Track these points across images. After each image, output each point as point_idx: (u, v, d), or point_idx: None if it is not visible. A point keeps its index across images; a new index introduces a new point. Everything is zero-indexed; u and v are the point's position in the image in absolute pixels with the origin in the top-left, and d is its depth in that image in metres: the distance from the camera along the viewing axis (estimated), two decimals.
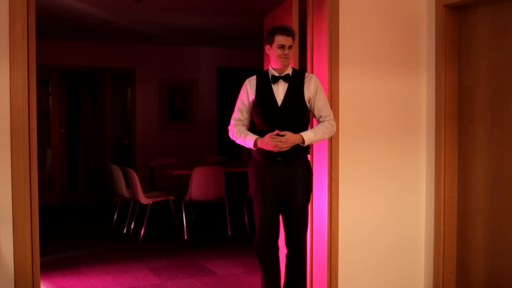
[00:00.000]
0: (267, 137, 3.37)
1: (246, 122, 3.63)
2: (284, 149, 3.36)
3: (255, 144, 3.44)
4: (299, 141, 3.40)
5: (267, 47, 3.50)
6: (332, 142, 3.67)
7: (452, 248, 3.89)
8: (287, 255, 3.58)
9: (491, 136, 3.65)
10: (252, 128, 3.61)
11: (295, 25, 3.88)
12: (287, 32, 3.41)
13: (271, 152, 3.40)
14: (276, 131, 3.35)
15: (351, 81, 3.74)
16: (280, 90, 3.46)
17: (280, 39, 3.40)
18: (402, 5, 3.91)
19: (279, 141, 3.33)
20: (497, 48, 3.60)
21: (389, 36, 3.87)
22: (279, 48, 3.41)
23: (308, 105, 3.48)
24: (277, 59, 3.44)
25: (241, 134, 3.52)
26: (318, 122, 3.53)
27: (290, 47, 3.42)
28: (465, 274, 3.85)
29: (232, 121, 3.62)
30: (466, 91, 3.83)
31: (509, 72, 3.52)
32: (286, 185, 3.44)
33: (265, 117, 3.46)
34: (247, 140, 3.48)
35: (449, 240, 3.88)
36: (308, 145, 3.52)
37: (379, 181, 3.87)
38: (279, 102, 3.44)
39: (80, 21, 7.09)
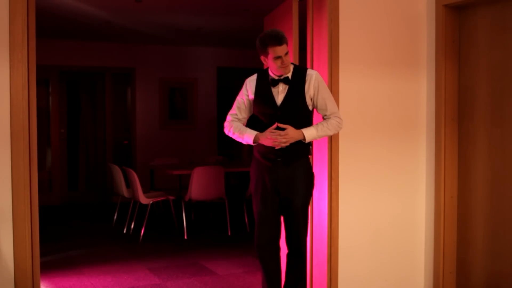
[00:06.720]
0: (267, 131, 3.32)
1: (243, 121, 3.56)
2: (284, 145, 3.30)
3: (255, 139, 3.37)
4: (300, 137, 3.35)
5: (262, 58, 3.34)
6: (332, 142, 3.67)
7: (452, 248, 3.89)
8: (288, 255, 3.58)
9: (491, 136, 3.65)
10: (255, 125, 3.58)
11: (295, 25, 3.88)
12: (279, 41, 3.20)
13: (271, 153, 3.39)
14: (276, 124, 3.31)
15: (351, 81, 3.74)
16: (280, 92, 3.40)
17: (274, 51, 3.24)
18: (402, 5, 3.91)
19: (279, 134, 3.28)
20: (497, 48, 3.60)
21: (389, 36, 3.87)
22: (275, 59, 3.27)
23: (311, 104, 3.43)
24: (276, 70, 3.33)
25: (239, 130, 3.45)
26: (324, 119, 3.47)
27: (286, 54, 3.27)
28: (465, 274, 3.85)
29: (229, 117, 3.55)
30: (466, 91, 3.83)
31: (509, 72, 3.52)
32: (286, 186, 3.42)
33: (264, 118, 3.44)
34: (246, 135, 3.40)
35: (449, 240, 3.88)
36: (310, 146, 3.50)
37: (379, 181, 3.87)
38: (279, 104, 3.39)
39: (80, 21, 7.09)
